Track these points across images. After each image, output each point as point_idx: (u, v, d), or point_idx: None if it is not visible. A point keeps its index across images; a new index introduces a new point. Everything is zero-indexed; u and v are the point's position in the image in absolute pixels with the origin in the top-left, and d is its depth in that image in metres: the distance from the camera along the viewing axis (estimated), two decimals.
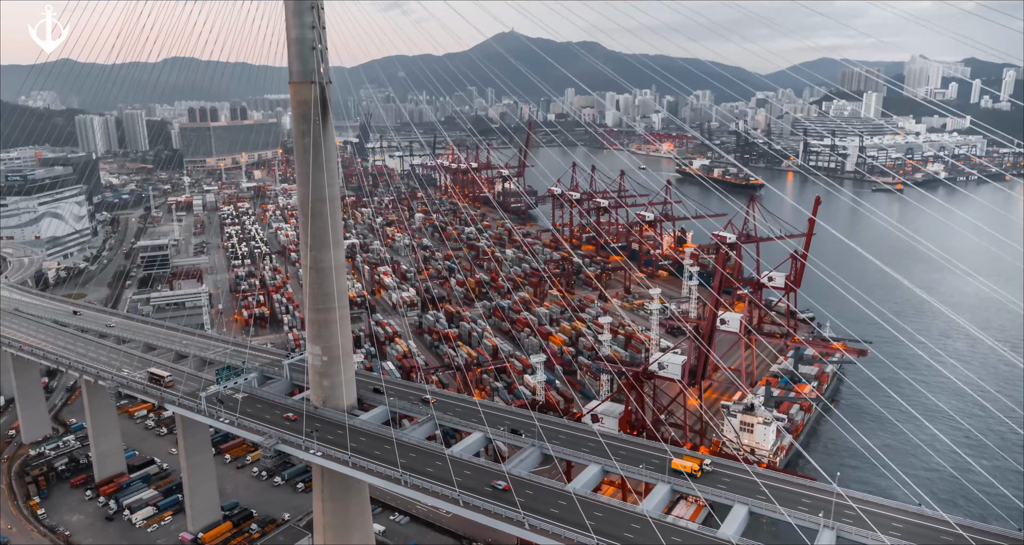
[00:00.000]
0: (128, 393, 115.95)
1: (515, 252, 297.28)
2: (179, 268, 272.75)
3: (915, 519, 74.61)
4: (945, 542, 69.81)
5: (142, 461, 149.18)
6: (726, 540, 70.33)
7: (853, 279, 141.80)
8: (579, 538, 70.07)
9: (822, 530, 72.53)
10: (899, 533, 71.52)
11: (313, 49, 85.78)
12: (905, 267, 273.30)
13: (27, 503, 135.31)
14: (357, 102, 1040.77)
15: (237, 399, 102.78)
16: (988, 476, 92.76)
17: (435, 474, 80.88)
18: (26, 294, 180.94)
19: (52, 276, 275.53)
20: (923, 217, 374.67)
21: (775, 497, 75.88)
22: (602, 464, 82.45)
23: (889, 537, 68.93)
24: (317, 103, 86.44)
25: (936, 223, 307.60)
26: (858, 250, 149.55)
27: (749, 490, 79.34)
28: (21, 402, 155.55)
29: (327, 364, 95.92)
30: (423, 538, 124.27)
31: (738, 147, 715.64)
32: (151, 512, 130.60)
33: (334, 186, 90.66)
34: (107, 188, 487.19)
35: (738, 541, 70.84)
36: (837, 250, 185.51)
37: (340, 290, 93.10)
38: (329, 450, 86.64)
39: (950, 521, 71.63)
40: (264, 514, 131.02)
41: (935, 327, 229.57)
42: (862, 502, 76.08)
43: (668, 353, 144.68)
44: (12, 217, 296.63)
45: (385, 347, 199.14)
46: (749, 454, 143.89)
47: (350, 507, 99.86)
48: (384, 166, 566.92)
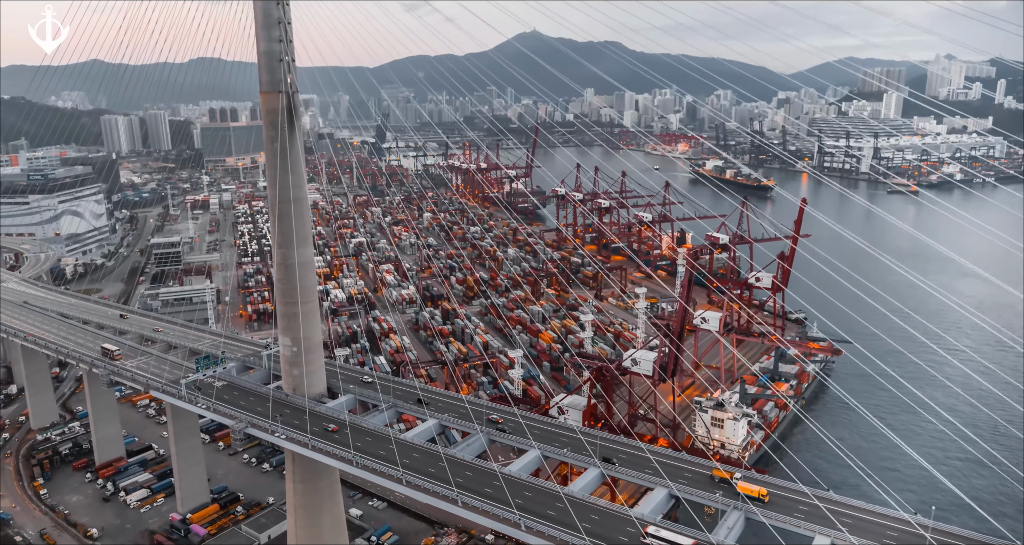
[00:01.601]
0: (118, 381, 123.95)
1: (516, 251, 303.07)
2: (190, 265, 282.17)
3: (872, 517, 76.47)
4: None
5: (140, 447, 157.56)
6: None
7: (857, 279, 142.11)
8: (503, 515, 75.52)
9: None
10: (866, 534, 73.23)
11: (280, 61, 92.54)
12: (914, 269, 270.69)
13: (31, 484, 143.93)
14: (378, 102, 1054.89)
15: (216, 386, 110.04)
16: (962, 478, 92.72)
17: (386, 457, 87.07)
18: (38, 288, 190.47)
19: (70, 272, 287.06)
20: (936, 219, 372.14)
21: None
22: (540, 450, 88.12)
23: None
24: (285, 111, 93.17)
25: (950, 225, 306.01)
26: (862, 250, 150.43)
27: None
28: (29, 390, 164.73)
29: (296, 354, 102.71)
30: (398, 522, 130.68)
31: (753, 148, 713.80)
32: (145, 494, 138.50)
33: (301, 188, 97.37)
34: (128, 186, 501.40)
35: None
36: (844, 251, 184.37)
37: (307, 285, 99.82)
38: (293, 434, 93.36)
39: (911, 520, 73.49)
40: (250, 498, 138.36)
41: (928, 328, 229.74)
42: (827, 501, 78.51)
43: (640, 350, 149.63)
44: (34, 215, 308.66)
45: (380, 342, 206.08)
46: (719, 449, 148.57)
47: (320, 489, 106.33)
48: (399, 166, 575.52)
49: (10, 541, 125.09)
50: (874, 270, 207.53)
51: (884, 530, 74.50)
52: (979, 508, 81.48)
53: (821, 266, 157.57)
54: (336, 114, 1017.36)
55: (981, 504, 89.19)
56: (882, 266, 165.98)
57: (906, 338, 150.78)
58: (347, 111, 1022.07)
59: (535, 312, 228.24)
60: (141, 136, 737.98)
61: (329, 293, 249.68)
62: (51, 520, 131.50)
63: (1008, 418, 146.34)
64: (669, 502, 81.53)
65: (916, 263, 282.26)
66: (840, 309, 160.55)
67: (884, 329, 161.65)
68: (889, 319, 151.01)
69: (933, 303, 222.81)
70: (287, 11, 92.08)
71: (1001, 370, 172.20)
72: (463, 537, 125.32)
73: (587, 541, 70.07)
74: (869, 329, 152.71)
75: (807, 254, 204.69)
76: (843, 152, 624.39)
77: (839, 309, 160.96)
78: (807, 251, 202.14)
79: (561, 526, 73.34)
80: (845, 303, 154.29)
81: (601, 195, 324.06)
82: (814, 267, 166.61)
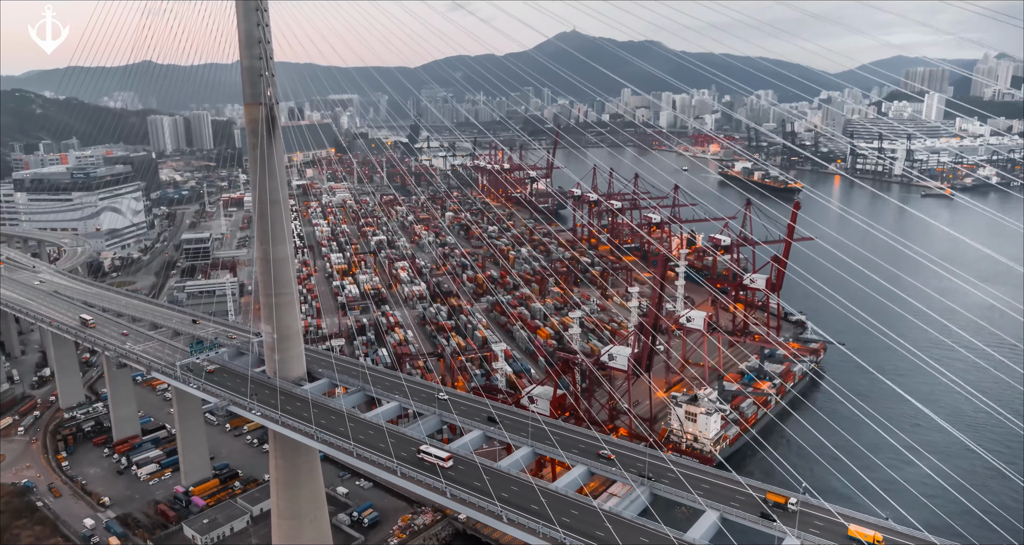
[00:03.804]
0: (124, 362, 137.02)
1: (529, 251, 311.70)
2: (218, 259, 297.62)
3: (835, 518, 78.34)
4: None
5: (155, 426, 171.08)
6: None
7: (866, 282, 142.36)
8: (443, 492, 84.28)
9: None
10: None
11: (260, 76, 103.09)
12: (929, 273, 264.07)
13: (55, 457, 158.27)
14: (416, 102, 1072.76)
15: (209, 369, 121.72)
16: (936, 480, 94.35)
17: (344, 433, 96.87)
18: (70, 279, 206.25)
19: (107, 265, 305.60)
20: (969, 223, 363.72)
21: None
22: (483, 430, 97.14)
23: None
24: (264, 121, 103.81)
25: (985, 229, 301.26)
26: (883, 253, 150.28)
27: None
28: (58, 373, 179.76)
29: (277, 341, 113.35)
30: (380, 501, 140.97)
31: (785, 149, 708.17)
32: (154, 468, 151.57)
33: (283, 190, 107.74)
34: (169, 184, 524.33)
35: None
36: (862, 253, 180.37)
37: (284, 279, 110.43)
38: (267, 411, 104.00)
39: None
40: (248, 474, 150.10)
41: (930, 336, 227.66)
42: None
43: (616, 345, 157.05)
44: (76, 211, 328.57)
45: (386, 336, 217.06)
46: (693, 442, 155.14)
47: (299, 465, 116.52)
48: (431, 166, 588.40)
49: (32, 506, 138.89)
50: (892, 274, 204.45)
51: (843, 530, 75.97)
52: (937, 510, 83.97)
53: (830, 266, 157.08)
54: (376, 114, 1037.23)
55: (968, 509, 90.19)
56: (909, 269, 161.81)
57: (906, 339, 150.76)
58: (386, 111, 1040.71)
59: (536, 309, 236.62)
60: (185, 135, 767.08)
61: (344, 288, 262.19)
62: (70, 488, 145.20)
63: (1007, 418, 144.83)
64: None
65: (936, 268, 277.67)
66: (838, 309, 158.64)
67: (892, 331, 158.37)
68: (893, 321, 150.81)
69: (937, 306, 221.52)
70: (267, 32, 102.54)
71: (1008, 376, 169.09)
72: (437, 515, 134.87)
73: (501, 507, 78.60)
74: (868, 329, 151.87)
75: (814, 255, 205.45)
76: (877, 153, 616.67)
77: (841, 310, 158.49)
78: (818, 253, 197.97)
79: (483, 496, 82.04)
80: (853, 305, 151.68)
81: (615, 196, 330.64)
82: (826, 268, 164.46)
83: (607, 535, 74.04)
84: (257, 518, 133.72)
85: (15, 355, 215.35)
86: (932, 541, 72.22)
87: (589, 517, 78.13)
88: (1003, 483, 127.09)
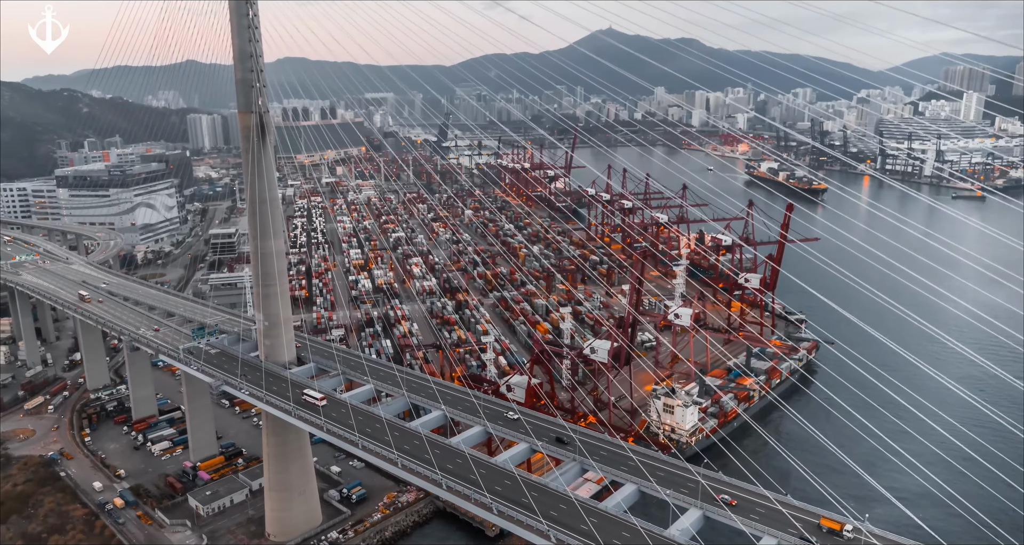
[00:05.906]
0: (137, 345, 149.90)
1: (540, 248, 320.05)
2: (243, 254, 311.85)
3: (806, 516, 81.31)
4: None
5: (171, 408, 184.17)
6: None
7: (870, 283, 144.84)
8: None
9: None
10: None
11: (252, 87, 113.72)
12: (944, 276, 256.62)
13: (80, 433, 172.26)
14: (451, 99, 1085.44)
15: (209, 352, 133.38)
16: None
17: (321, 411, 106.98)
18: (99, 271, 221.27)
19: (140, 257, 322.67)
20: (1008, 224, 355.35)
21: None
22: (443, 411, 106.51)
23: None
24: (256, 128, 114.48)
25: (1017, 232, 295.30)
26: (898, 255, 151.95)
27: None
28: (86, 357, 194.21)
29: (268, 328, 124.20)
30: (370, 480, 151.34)
31: (814, 149, 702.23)
32: (167, 445, 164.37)
33: (270, 190, 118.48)
34: (204, 181, 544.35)
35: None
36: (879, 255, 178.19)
37: (278, 271, 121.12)
38: (254, 390, 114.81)
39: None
40: (252, 453, 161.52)
41: (930, 335, 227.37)
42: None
43: (598, 339, 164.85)
44: (113, 206, 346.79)
45: (393, 328, 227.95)
46: (670, 433, 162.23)
47: (288, 442, 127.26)
48: (458, 164, 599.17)
49: (56, 476, 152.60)
50: (906, 274, 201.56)
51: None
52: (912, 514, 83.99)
53: (835, 267, 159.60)
54: (411, 112, 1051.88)
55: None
56: (924, 271, 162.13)
57: (906, 339, 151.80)
58: (420, 109, 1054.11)
59: (539, 305, 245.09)
60: (223, 133, 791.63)
61: (359, 283, 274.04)
62: (90, 461, 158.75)
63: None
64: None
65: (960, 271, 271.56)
66: (838, 309, 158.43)
67: (893, 332, 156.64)
68: (893, 321, 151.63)
69: (941, 308, 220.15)
70: (258, 47, 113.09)
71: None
72: (420, 493, 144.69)
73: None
74: (867, 329, 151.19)
75: (819, 256, 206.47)
76: (905, 154, 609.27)
77: (841, 310, 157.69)
78: (828, 254, 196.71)
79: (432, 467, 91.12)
80: (853, 305, 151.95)
81: (627, 195, 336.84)
82: (833, 268, 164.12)
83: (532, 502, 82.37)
84: (256, 492, 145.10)
85: (50, 340, 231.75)
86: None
87: (520, 487, 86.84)
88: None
